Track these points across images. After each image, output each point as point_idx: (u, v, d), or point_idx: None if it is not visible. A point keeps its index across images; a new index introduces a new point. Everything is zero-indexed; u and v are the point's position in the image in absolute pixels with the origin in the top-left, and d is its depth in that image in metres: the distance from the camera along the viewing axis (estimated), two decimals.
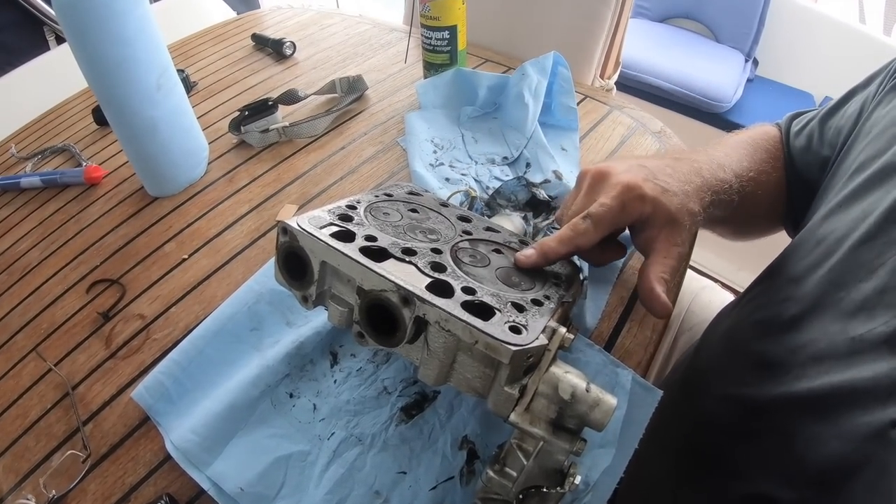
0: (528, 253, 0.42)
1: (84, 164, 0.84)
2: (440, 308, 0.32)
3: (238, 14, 1.61)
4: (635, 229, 0.46)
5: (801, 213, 0.58)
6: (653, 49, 2.12)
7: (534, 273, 0.43)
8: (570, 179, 0.65)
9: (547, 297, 0.38)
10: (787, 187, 0.62)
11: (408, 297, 0.32)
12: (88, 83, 0.67)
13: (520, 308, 0.35)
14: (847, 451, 0.35)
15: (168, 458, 0.46)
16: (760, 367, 0.46)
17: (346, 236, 0.38)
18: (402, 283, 0.33)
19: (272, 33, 1.13)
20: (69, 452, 0.48)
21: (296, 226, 0.37)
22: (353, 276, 0.35)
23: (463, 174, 0.70)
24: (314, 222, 0.38)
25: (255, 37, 1.12)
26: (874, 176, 0.44)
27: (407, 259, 0.37)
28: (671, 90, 1.94)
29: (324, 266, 0.37)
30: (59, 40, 1.52)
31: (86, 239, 0.71)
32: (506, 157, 0.74)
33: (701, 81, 1.93)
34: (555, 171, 0.66)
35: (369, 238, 0.38)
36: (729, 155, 0.56)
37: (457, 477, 0.41)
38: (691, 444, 0.53)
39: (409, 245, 0.39)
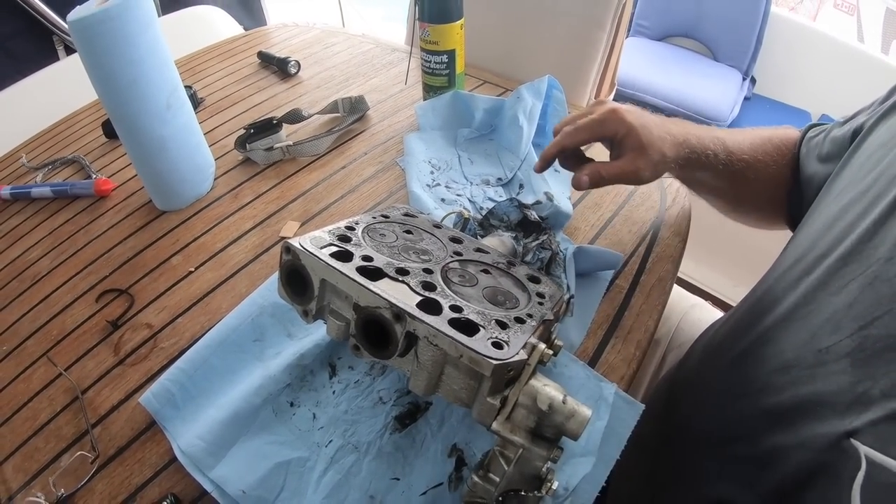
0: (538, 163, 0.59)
1: (94, 176, 0.87)
2: (428, 324, 0.35)
3: (245, 27, 1.66)
4: (613, 146, 0.58)
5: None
6: (651, 67, 2.18)
7: (518, 291, 0.46)
8: (561, 200, 0.68)
9: (530, 316, 0.41)
10: (792, 187, 0.65)
11: (399, 314, 0.35)
12: (101, 100, 0.71)
13: (503, 325, 0.38)
14: (805, 459, 0.37)
15: (172, 460, 0.49)
16: (732, 380, 0.49)
17: (345, 256, 0.41)
18: (394, 301, 0.36)
19: (278, 51, 1.17)
20: (79, 453, 0.51)
21: (298, 245, 0.40)
22: (351, 293, 0.38)
23: (458, 195, 0.73)
24: (315, 242, 0.41)
25: (261, 54, 1.16)
26: (856, 199, 0.47)
27: (400, 278, 0.40)
28: (669, 108, 1.98)
29: (323, 283, 0.40)
30: (69, 50, 1.55)
31: (95, 249, 0.74)
32: (500, 178, 0.77)
33: (698, 100, 1.97)
34: (546, 193, 0.69)
35: (366, 258, 0.41)
36: (732, 134, 0.65)
37: (446, 482, 0.44)
38: (669, 452, 0.56)
39: (402, 265, 0.42)
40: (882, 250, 0.41)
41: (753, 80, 2.31)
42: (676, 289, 0.94)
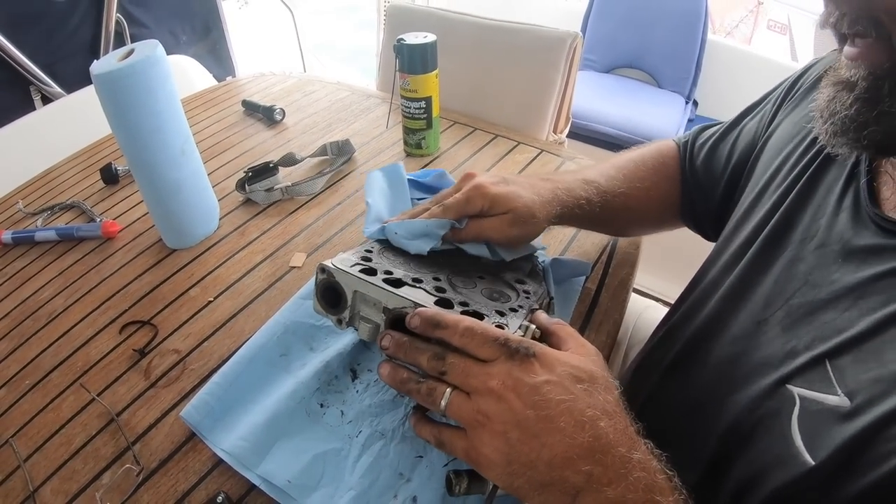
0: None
1: (98, 219, 0.92)
2: None
3: (214, 75, 1.74)
4: (484, 216, 0.61)
5: (719, 215, 0.71)
6: (600, 98, 2.32)
7: (509, 290, 0.56)
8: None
9: (521, 307, 0.52)
10: (684, 194, 0.76)
11: None
12: (121, 147, 0.77)
13: (501, 314, 0.49)
14: (754, 407, 0.46)
15: (215, 465, 0.55)
16: (690, 356, 0.58)
17: (371, 272, 0.50)
18: (418, 301, 0.46)
19: (260, 99, 1.25)
20: (125, 467, 0.55)
21: (332, 266, 0.50)
22: (380, 299, 0.48)
23: None
24: (345, 263, 0.50)
25: (245, 103, 1.24)
26: (771, 190, 0.58)
27: (417, 285, 0.50)
28: (618, 136, 2.11)
29: (355, 294, 0.49)
30: (45, 100, 1.60)
31: (110, 287, 0.79)
32: None
33: (645, 126, 2.11)
34: None
35: (387, 272, 0.51)
36: (603, 173, 0.72)
37: None
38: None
39: (416, 275, 0.52)
40: (796, 234, 0.52)
41: (696, 103, 2.49)
42: (632, 295, 1.06)
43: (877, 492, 0.35)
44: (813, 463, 0.39)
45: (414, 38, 0.95)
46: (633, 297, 1.05)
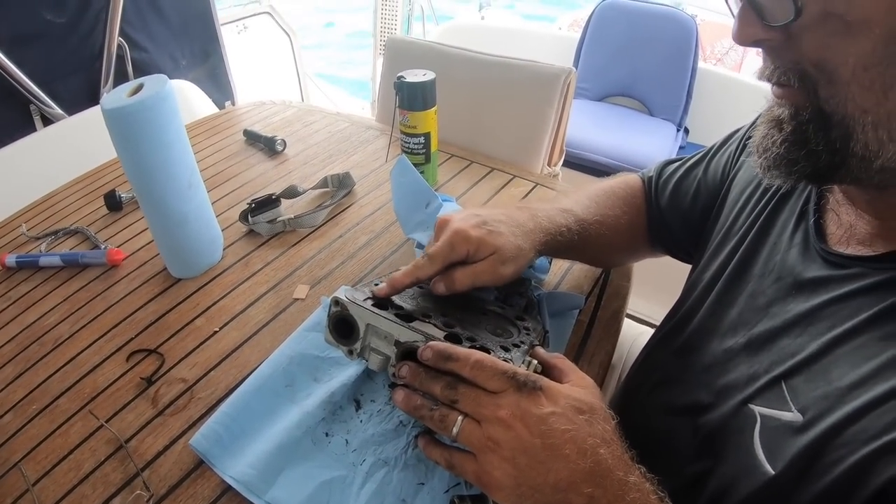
0: (381, 286, 0.57)
1: (102, 246, 0.95)
2: None
3: (214, 100, 1.77)
4: (469, 261, 0.61)
5: (689, 244, 0.77)
6: (593, 127, 2.37)
7: (510, 326, 0.60)
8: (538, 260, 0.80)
9: (522, 342, 0.55)
10: (651, 224, 0.81)
11: None
12: (129, 179, 0.80)
13: (506, 349, 0.52)
14: (725, 424, 0.51)
15: (224, 492, 0.57)
16: (666, 379, 0.64)
17: (382, 306, 0.54)
18: (429, 335, 0.49)
19: (260, 128, 1.29)
20: (136, 493, 0.58)
21: (346, 299, 0.53)
22: (392, 332, 0.51)
23: None
24: (357, 297, 0.54)
25: (247, 132, 1.27)
26: (735, 230, 0.64)
27: (427, 320, 0.53)
28: (610, 164, 2.16)
29: (367, 327, 0.53)
30: (45, 120, 1.61)
31: (116, 314, 0.81)
32: None
33: (636, 154, 2.16)
34: None
35: (398, 307, 0.54)
36: (578, 202, 0.75)
37: (463, 482, 0.55)
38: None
39: (425, 311, 0.56)
40: (756, 269, 0.58)
41: (687, 131, 2.56)
42: (627, 321, 1.10)
43: (830, 495, 0.40)
44: (773, 473, 0.44)
45: (414, 75, 0.99)
46: (628, 322, 1.10)
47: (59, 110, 1.61)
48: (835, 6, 0.40)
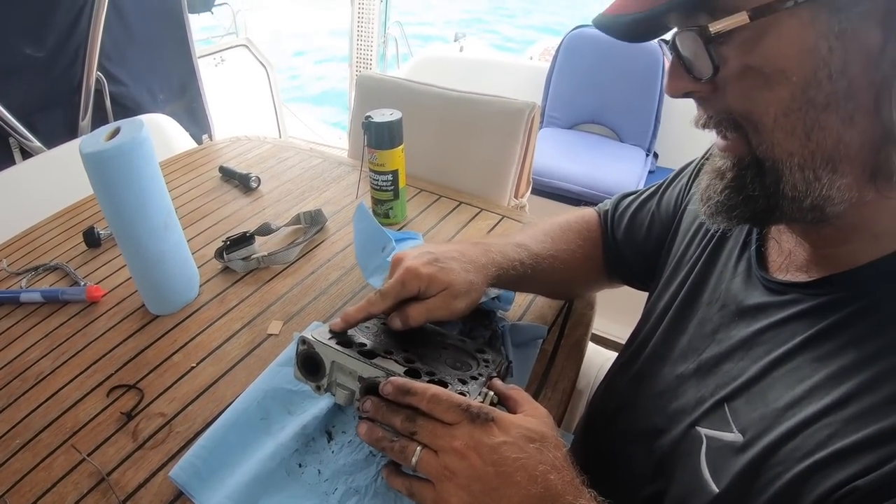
0: (335, 321, 0.62)
1: (82, 283, 0.98)
2: None
3: (191, 134, 1.81)
4: (421, 297, 0.65)
5: (644, 275, 0.80)
6: (564, 155, 2.43)
7: (470, 359, 0.64)
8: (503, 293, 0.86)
9: (480, 374, 0.60)
10: (608, 256, 0.85)
11: None
12: (108, 221, 0.83)
13: (463, 381, 0.57)
14: (673, 448, 0.56)
15: None
16: (624, 405, 0.68)
17: (346, 343, 0.59)
18: (390, 371, 0.54)
19: (236, 165, 1.33)
20: None
21: (312, 338, 0.58)
22: (356, 369, 0.56)
23: None
24: (323, 335, 0.59)
25: (222, 169, 1.32)
26: (684, 262, 0.69)
27: (388, 356, 0.58)
28: (581, 192, 2.22)
29: (333, 364, 0.58)
30: (24, 154, 1.64)
31: (96, 350, 0.84)
32: None
33: (606, 181, 2.22)
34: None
35: (360, 344, 0.59)
36: (533, 237, 0.80)
37: None
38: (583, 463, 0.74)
39: (387, 347, 0.61)
40: (704, 298, 0.63)
41: (656, 155, 2.62)
42: (595, 347, 1.16)
43: None
44: (717, 491, 0.48)
45: (381, 115, 1.05)
46: (596, 348, 1.15)
47: (38, 143, 1.65)
48: (753, 60, 0.43)
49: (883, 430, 0.40)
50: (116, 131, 0.81)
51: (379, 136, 1.05)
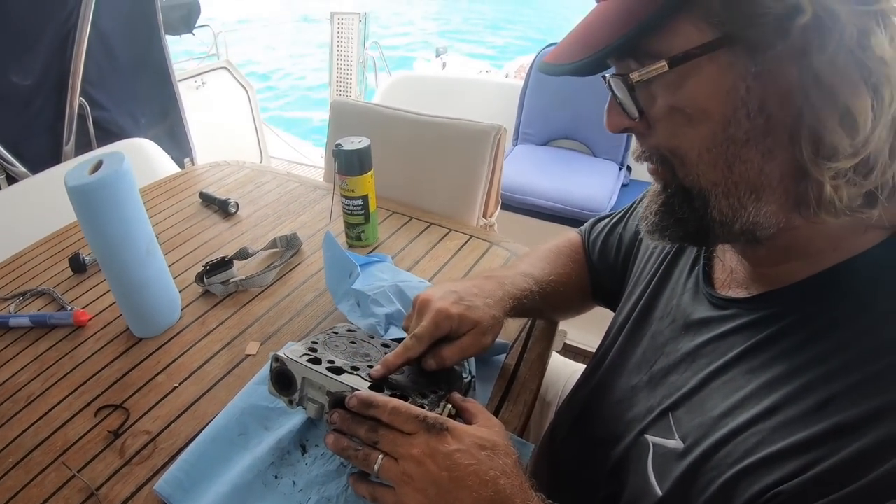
0: (377, 368, 0.65)
1: (69, 308, 1.03)
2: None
3: (173, 157, 1.86)
4: (452, 337, 0.69)
5: (618, 296, 0.82)
6: (537, 171, 2.47)
7: (429, 376, 0.70)
8: None
9: (440, 389, 0.67)
10: (592, 278, 0.90)
11: None
12: (94, 251, 0.89)
13: (423, 395, 0.64)
14: (625, 455, 0.59)
15: None
16: (585, 414, 0.73)
17: (316, 361, 0.65)
18: (354, 387, 0.60)
19: (215, 189, 1.39)
20: None
21: (284, 356, 0.64)
22: (324, 384, 0.62)
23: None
24: (295, 353, 0.65)
25: (202, 195, 1.37)
26: (641, 279, 0.74)
27: (354, 373, 0.64)
28: (553, 207, 2.25)
29: (304, 380, 0.64)
30: (10, 179, 1.67)
31: (84, 372, 0.89)
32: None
33: (579, 196, 2.26)
34: None
35: (330, 361, 0.65)
36: (534, 265, 0.85)
37: None
38: (548, 469, 0.79)
39: (354, 364, 0.66)
40: (657, 313, 0.68)
41: (629, 169, 2.65)
42: (562, 359, 1.22)
43: None
44: (661, 494, 0.52)
45: (350, 143, 1.10)
46: (567, 361, 1.21)
47: (23, 169, 1.68)
48: (677, 101, 0.46)
49: (805, 438, 0.42)
50: (99, 164, 0.86)
51: (349, 163, 1.10)
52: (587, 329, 1.83)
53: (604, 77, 0.51)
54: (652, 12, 0.44)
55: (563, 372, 1.18)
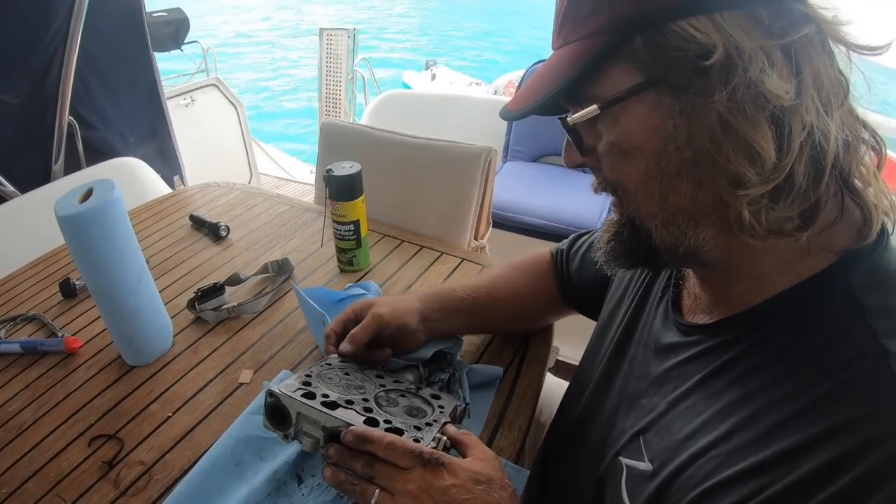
0: (345, 345, 0.77)
1: (59, 334, 1.03)
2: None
3: (162, 175, 1.87)
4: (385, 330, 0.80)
5: (593, 306, 0.86)
6: (526, 188, 2.48)
7: (426, 406, 0.72)
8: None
9: (435, 421, 0.68)
10: (562, 289, 0.93)
11: None
12: (84, 278, 0.90)
13: (418, 428, 0.64)
14: (603, 476, 0.61)
15: None
16: (571, 439, 0.75)
17: (310, 395, 0.66)
18: (349, 422, 0.61)
19: (205, 212, 1.40)
20: None
21: (279, 391, 0.65)
22: (319, 419, 0.63)
23: None
24: (289, 388, 0.66)
25: (192, 217, 1.38)
26: (621, 301, 0.76)
27: (349, 407, 0.65)
28: (543, 225, 2.26)
29: (299, 415, 0.64)
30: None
31: (76, 401, 0.89)
32: None
33: (568, 213, 2.27)
34: None
35: (324, 395, 0.66)
36: (478, 278, 0.93)
37: None
38: (538, 494, 0.80)
39: (348, 397, 0.67)
40: (635, 338, 0.70)
41: None
42: (556, 379, 1.23)
43: None
44: None
45: (341, 168, 1.11)
46: (558, 381, 1.22)
47: (11, 188, 1.68)
48: (615, 139, 0.50)
49: (758, 462, 0.44)
50: (89, 192, 0.87)
51: (340, 189, 1.11)
52: (581, 346, 1.83)
53: (559, 119, 0.54)
54: (585, 61, 0.48)
55: (557, 392, 1.17)
